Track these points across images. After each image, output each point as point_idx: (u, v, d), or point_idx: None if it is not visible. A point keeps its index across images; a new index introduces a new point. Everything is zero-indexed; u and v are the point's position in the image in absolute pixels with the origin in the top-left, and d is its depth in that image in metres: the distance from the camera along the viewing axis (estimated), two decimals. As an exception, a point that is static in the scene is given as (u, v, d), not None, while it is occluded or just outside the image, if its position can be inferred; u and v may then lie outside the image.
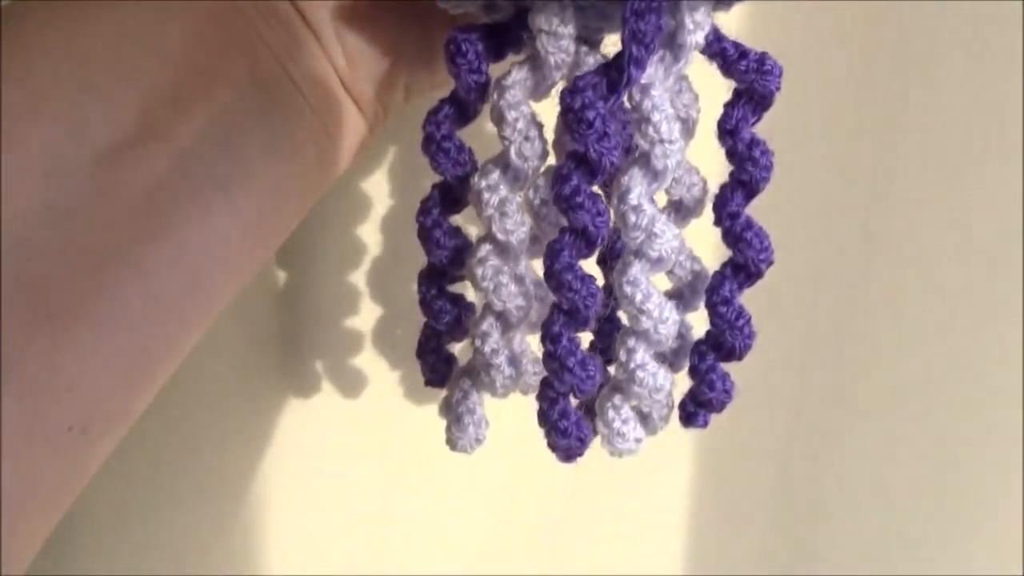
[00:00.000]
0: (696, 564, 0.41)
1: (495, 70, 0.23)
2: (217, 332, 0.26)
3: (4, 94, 0.20)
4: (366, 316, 0.36)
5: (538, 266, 0.24)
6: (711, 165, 0.25)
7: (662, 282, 0.25)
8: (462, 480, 0.38)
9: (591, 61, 0.22)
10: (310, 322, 0.35)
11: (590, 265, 0.23)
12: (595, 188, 0.22)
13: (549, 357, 0.22)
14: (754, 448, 0.40)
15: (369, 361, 0.36)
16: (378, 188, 0.34)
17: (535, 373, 0.25)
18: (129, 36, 0.22)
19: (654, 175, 0.22)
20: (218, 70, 0.23)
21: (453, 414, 0.25)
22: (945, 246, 0.38)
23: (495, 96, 0.22)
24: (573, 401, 0.24)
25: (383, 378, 0.36)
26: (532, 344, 0.26)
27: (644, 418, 0.25)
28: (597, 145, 0.20)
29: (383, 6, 0.24)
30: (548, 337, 0.22)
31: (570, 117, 0.20)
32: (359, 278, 0.35)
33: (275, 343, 0.35)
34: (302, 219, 0.26)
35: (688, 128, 0.24)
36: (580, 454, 0.24)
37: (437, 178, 0.33)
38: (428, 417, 0.36)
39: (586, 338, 0.26)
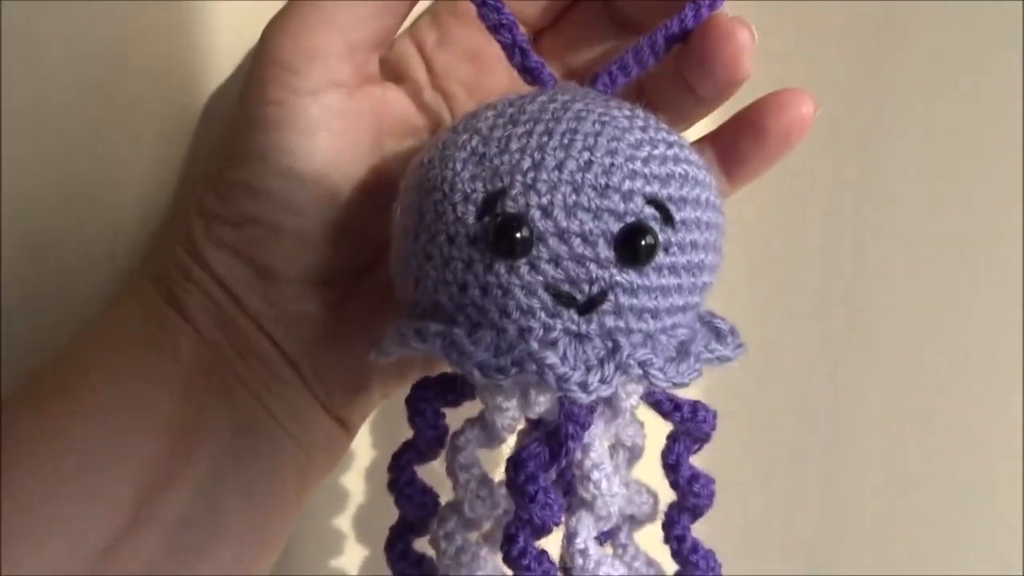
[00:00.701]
0: None
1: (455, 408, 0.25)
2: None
3: (9, 508, 0.21)
4: (351, 557, 0.37)
5: None
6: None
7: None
8: None
9: (542, 400, 0.24)
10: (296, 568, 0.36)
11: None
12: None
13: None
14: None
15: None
16: (359, 440, 0.36)
17: None
18: (122, 418, 0.23)
19: (598, 518, 0.24)
20: (201, 427, 0.24)
21: None
22: (937, 260, 0.38)
23: (449, 455, 0.24)
24: None
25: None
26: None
27: None
28: (540, 514, 0.22)
29: (355, 337, 0.26)
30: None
31: (514, 491, 0.22)
32: (344, 522, 0.37)
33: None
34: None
35: (636, 454, 0.26)
36: None
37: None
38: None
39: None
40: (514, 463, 0.22)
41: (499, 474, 0.23)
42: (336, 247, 0.25)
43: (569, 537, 0.24)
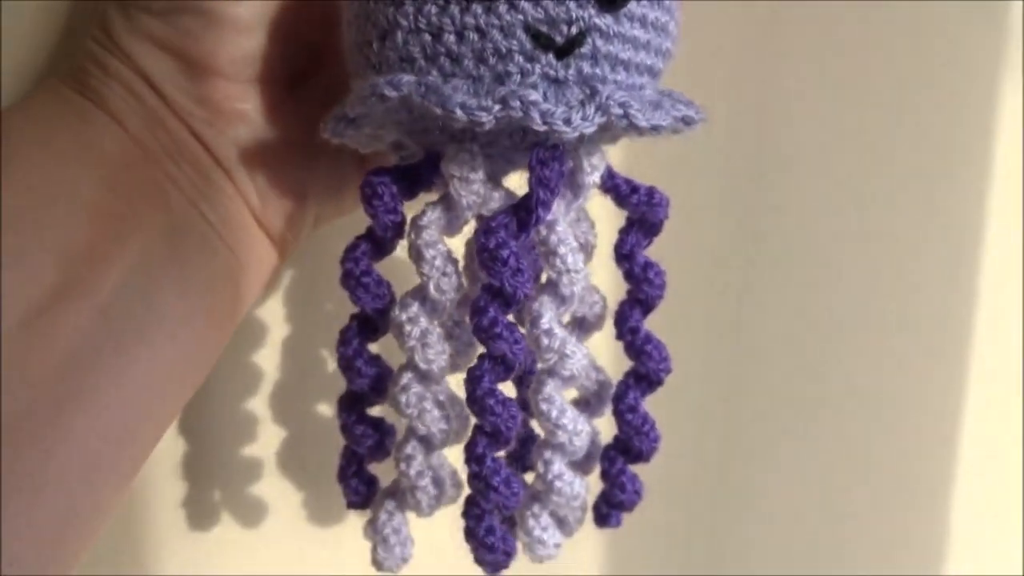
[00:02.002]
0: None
1: (408, 207, 0.25)
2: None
3: None
4: (268, 440, 0.35)
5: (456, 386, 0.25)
6: (603, 280, 0.28)
7: (570, 391, 0.27)
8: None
9: (496, 196, 0.24)
10: (209, 451, 0.35)
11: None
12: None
13: (475, 478, 0.23)
14: (659, 529, 0.41)
15: (272, 487, 0.35)
16: (273, 313, 0.34)
17: (453, 485, 0.26)
18: (40, 192, 0.22)
19: (562, 300, 0.24)
20: (131, 217, 0.23)
21: (379, 535, 0.25)
22: (823, 311, 0.41)
23: (412, 236, 0.23)
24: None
25: (289, 502, 0.36)
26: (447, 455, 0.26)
27: (561, 522, 0.27)
28: (512, 280, 0.22)
29: (291, 144, 0.26)
30: (473, 459, 0.23)
31: (485, 256, 0.22)
32: (259, 403, 0.35)
33: (173, 474, 0.34)
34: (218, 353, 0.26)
35: (588, 252, 0.26)
36: (506, 567, 0.25)
37: (334, 300, 0.34)
38: (335, 536, 0.36)
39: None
40: (485, 230, 0.22)
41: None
42: (272, 42, 0.24)
43: (533, 321, 0.24)
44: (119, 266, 0.22)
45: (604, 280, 0.28)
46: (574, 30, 0.20)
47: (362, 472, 0.26)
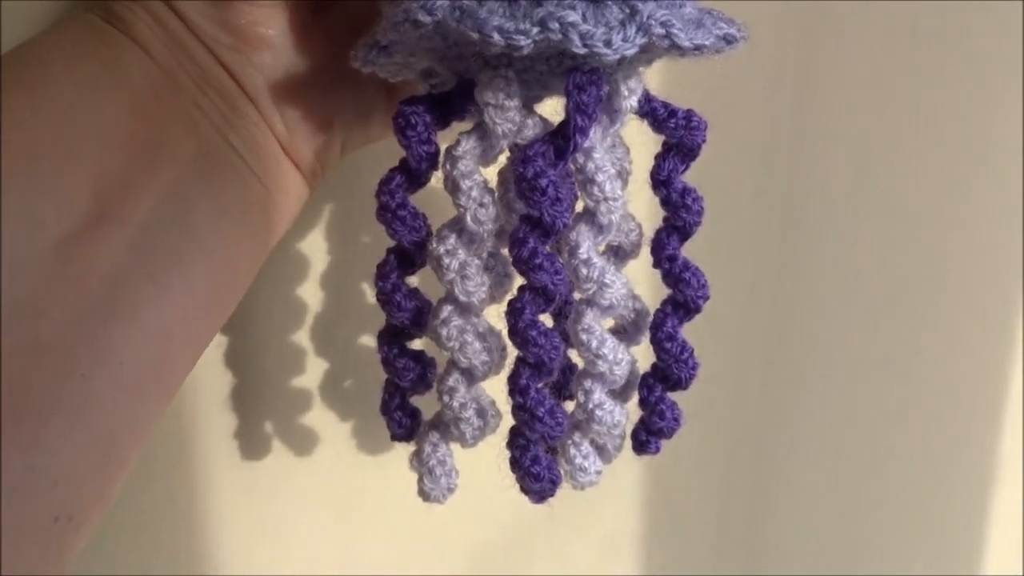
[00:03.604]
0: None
1: (441, 137, 0.24)
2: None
3: None
4: (313, 372, 0.36)
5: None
6: (638, 208, 0.27)
7: (607, 320, 0.27)
8: (422, 528, 0.38)
9: (530, 123, 0.24)
10: (257, 383, 0.35)
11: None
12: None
13: (519, 409, 0.23)
14: (699, 458, 0.42)
15: (319, 418, 0.36)
16: (314, 246, 0.35)
17: (493, 415, 0.27)
18: (70, 119, 0.22)
19: (600, 229, 0.24)
20: (162, 145, 0.23)
21: (425, 467, 0.26)
22: (867, 262, 0.41)
23: (447, 166, 0.23)
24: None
25: (335, 433, 0.37)
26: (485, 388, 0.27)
27: (600, 450, 0.27)
28: (551, 209, 0.22)
29: (317, 71, 0.25)
30: (517, 390, 0.23)
31: (524, 185, 0.22)
32: (302, 336, 0.36)
33: (223, 406, 0.35)
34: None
35: (624, 179, 0.26)
36: (552, 494, 0.25)
37: (372, 232, 0.34)
38: (384, 468, 0.37)
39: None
40: (522, 159, 0.22)
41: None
42: None
43: (571, 251, 0.23)
44: (152, 194, 0.22)
45: (637, 208, 0.27)
46: (610, -54, 0.20)
47: (405, 405, 0.27)
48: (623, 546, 0.42)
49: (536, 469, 0.24)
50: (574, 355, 0.27)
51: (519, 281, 0.24)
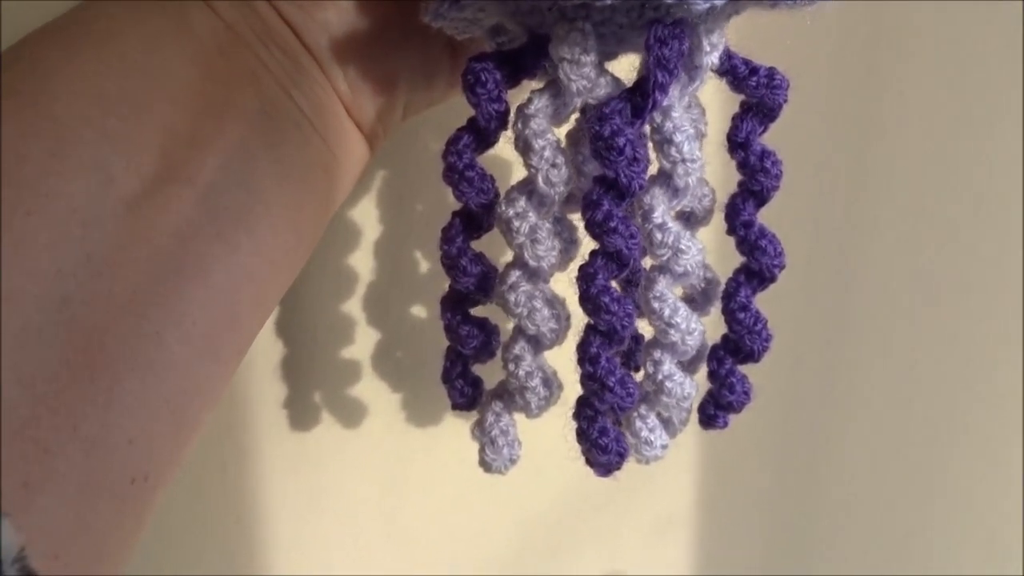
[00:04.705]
0: (702, 563, 0.42)
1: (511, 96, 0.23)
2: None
3: (30, 149, 0.20)
4: (364, 343, 0.36)
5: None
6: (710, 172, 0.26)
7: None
8: (470, 503, 0.38)
9: (603, 82, 0.23)
10: (307, 353, 0.35)
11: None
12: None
13: (589, 378, 0.22)
14: (753, 447, 0.41)
15: (369, 388, 0.36)
16: (366, 214, 0.34)
17: (558, 386, 0.26)
18: (138, 75, 0.22)
19: (675, 192, 0.23)
20: (228, 102, 0.22)
21: (487, 437, 0.25)
22: (932, 243, 0.39)
23: (519, 125, 0.22)
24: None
25: (385, 404, 0.36)
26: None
27: (666, 423, 0.26)
28: (628, 170, 0.21)
29: (381, 29, 0.25)
30: (587, 359, 0.22)
31: (600, 144, 0.21)
32: (354, 305, 0.35)
33: (273, 375, 0.35)
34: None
35: (700, 141, 0.25)
36: (619, 467, 0.24)
37: (425, 201, 0.33)
38: (434, 440, 0.37)
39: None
40: (599, 117, 0.21)
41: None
42: None
43: (644, 215, 0.23)
44: (219, 152, 0.22)
45: (711, 172, 0.26)
46: None
47: (467, 373, 0.26)
48: (676, 525, 0.41)
49: (604, 441, 0.23)
50: (640, 325, 0.26)
51: (585, 248, 0.24)
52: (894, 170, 0.38)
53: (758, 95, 0.23)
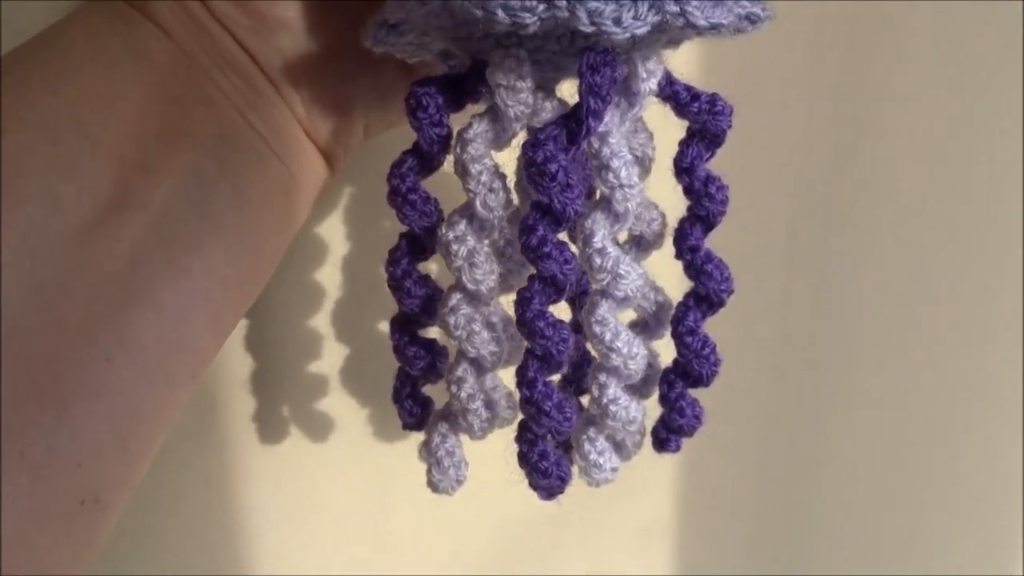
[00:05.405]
0: (684, 568, 0.41)
1: (454, 120, 0.24)
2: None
3: None
4: (332, 358, 0.36)
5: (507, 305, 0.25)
6: (664, 195, 0.26)
7: (628, 312, 0.26)
8: (453, 508, 0.38)
9: (548, 106, 0.23)
10: (275, 368, 0.35)
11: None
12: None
13: (526, 402, 0.22)
14: (736, 453, 0.41)
15: (337, 403, 0.36)
16: (334, 230, 0.34)
17: (509, 407, 0.26)
18: (92, 102, 0.22)
19: (616, 217, 0.23)
20: (182, 127, 0.23)
21: (433, 458, 0.25)
22: (931, 243, 0.39)
23: (458, 149, 0.22)
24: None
25: (353, 419, 0.36)
26: (502, 378, 0.26)
27: (618, 447, 0.26)
28: (561, 196, 0.21)
29: (335, 53, 0.25)
30: (524, 383, 0.22)
31: (533, 171, 0.21)
32: (322, 320, 0.35)
33: (241, 390, 0.35)
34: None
35: (645, 166, 0.25)
36: (561, 491, 0.24)
37: (393, 217, 0.33)
38: (402, 455, 0.37)
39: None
40: (532, 143, 0.21)
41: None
42: None
43: (585, 239, 0.23)
44: (172, 177, 0.22)
45: (665, 196, 0.26)
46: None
47: (416, 393, 0.26)
48: (658, 536, 0.41)
49: (543, 465, 0.23)
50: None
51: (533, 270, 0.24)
52: (894, 170, 0.38)
53: (700, 121, 0.23)
